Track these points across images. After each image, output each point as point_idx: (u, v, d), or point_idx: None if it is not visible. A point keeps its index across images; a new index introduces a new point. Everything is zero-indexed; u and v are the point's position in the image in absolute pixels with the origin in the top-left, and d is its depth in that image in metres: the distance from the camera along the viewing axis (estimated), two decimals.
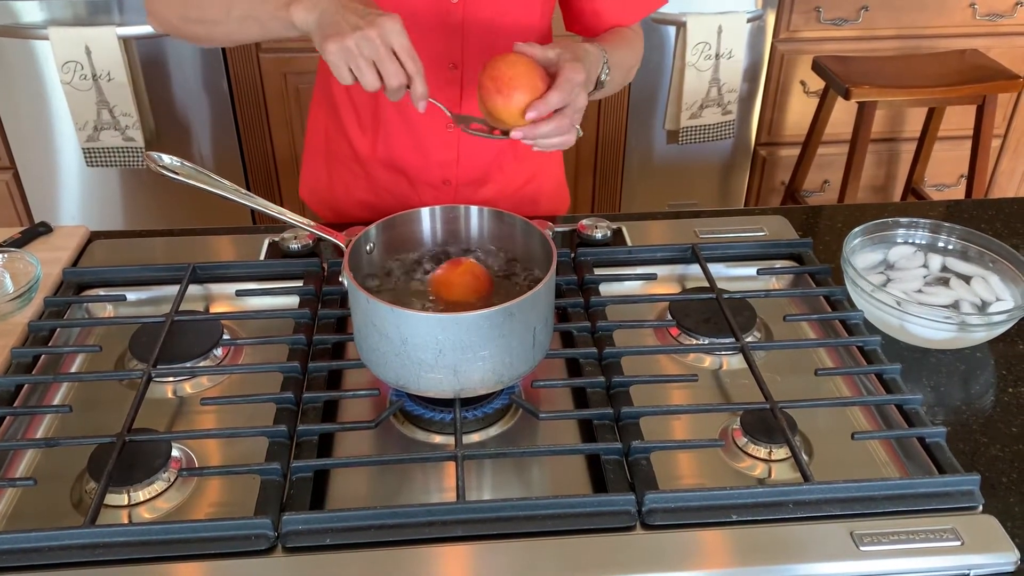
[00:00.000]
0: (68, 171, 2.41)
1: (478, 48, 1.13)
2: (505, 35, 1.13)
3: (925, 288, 1.05)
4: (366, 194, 1.26)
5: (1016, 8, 2.46)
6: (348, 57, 0.84)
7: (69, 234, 1.19)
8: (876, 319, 1.02)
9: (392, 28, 0.84)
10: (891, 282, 1.06)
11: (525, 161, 1.29)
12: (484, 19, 1.10)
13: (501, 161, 1.26)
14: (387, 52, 0.84)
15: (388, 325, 0.82)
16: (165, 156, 0.92)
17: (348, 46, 0.83)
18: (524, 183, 1.31)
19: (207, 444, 0.89)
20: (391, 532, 0.76)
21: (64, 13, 2.18)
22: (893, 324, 1.01)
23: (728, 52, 2.35)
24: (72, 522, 0.79)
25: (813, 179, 2.60)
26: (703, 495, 0.78)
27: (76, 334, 1.05)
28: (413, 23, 1.06)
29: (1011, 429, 0.90)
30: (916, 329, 0.99)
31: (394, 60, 0.85)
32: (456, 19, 1.09)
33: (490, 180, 1.27)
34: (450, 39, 1.11)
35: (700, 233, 1.20)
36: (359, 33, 0.83)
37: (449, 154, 1.22)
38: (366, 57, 0.84)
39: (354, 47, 0.83)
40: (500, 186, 1.28)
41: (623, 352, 0.96)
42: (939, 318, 0.97)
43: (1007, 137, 2.68)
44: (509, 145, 1.25)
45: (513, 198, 1.30)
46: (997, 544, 0.75)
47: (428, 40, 1.10)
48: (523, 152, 1.27)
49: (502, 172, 1.27)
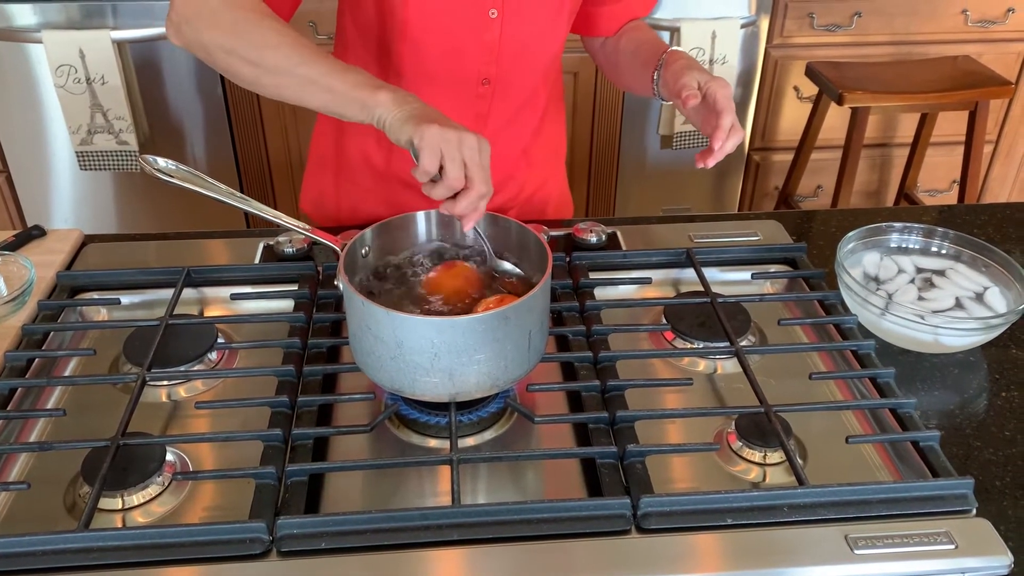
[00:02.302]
0: (61, 174, 2.40)
1: (510, 62, 1.13)
2: (536, 47, 1.15)
3: (924, 295, 1.05)
4: (377, 207, 1.24)
5: (1008, 15, 2.47)
6: (446, 146, 0.84)
7: (63, 237, 1.18)
8: (870, 323, 1.03)
9: (486, 147, 0.86)
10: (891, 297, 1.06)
11: (535, 168, 1.30)
12: (519, 33, 1.11)
13: (514, 171, 1.27)
14: (480, 163, 0.85)
15: (383, 329, 0.82)
16: (160, 159, 0.92)
17: (449, 138, 0.83)
18: (534, 191, 1.32)
19: (201, 448, 0.88)
20: (386, 536, 0.76)
21: (58, 16, 2.17)
22: (887, 328, 1.01)
23: (722, 57, 2.36)
24: (66, 526, 0.79)
25: (806, 184, 2.61)
26: (698, 499, 0.79)
27: (70, 337, 1.04)
28: (451, 39, 1.09)
29: (1004, 433, 0.91)
30: (910, 333, 0.99)
31: (484, 170, 0.86)
32: (493, 34, 1.10)
33: (503, 189, 1.27)
34: (485, 54, 1.11)
35: (695, 237, 1.20)
36: (461, 133, 0.84)
37: None
38: (462, 156, 0.84)
39: (455, 142, 0.84)
40: (512, 194, 1.29)
41: (618, 356, 0.96)
42: (933, 322, 0.97)
43: (999, 143, 2.69)
44: (523, 153, 1.27)
45: (524, 206, 1.31)
46: (991, 547, 0.75)
47: (464, 56, 1.11)
48: (536, 159, 1.29)
49: (514, 180, 1.28)
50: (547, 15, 1.13)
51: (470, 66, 1.12)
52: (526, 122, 1.23)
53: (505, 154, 1.22)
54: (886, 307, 0.99)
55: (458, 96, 1.14)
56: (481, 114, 1.17)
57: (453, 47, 1.10)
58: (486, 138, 0.87)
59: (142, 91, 2.28)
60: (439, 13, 1.07)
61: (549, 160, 1.32)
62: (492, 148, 0.85)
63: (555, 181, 1.36)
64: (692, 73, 1.01)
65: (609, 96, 2.42)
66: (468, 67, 1.12)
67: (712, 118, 0.98)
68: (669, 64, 1.06)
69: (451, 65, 1.11)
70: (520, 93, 1.18)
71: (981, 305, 1.04)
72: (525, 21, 1.11)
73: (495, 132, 1.18)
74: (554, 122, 1.30)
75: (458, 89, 1.14)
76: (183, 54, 2.25)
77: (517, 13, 1.09)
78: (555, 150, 1.34)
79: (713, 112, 0.98)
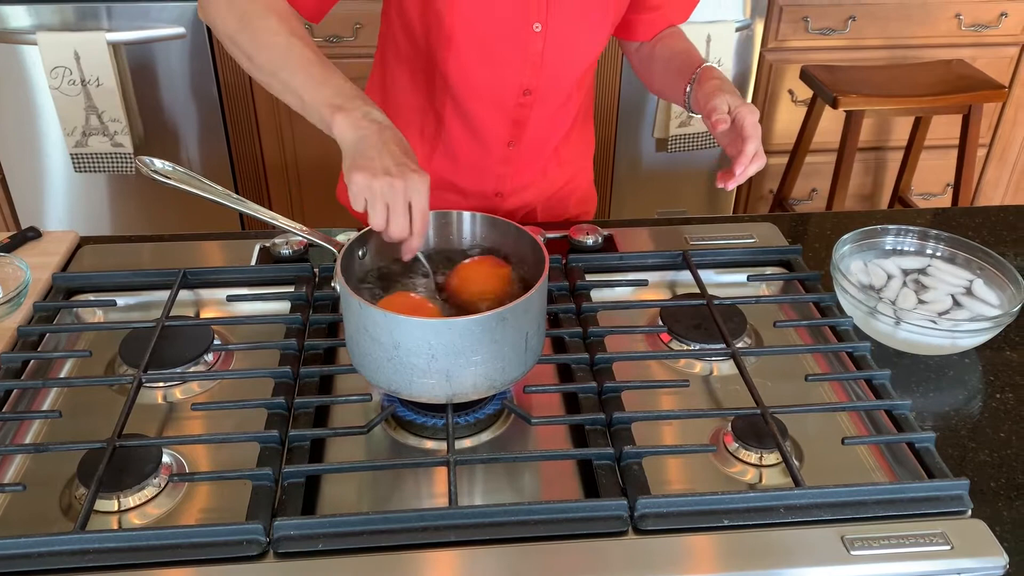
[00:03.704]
0: (56, 176, 2.39)
1: (553, 73, 1.15)
2: (577, 58, 1.17)
3: (922, 297, 1.06)
4: None
5: (1001, 19, 2.48)
6: (369, 194, 0.85)
7: (59, 239, 1.18)
8: (866, 325, 1.03)
9: (418, 187, 0.86)
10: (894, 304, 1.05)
11: (565, 165, 1.32)
12: (562, 46, 1.13)
13: (546, 167, 1.29)
14: (404, 207, 0.85)
15: (380, 330, 0.82)
16: (156, 160, 0.92)
17: (373, 186, 0.84)
18: (563, 185, 1.34)
19: (198, 449, 0.88)
20: (383, 537, 0.76)
21: (53, 18, 2.17)
22: (883, 330, 1.02)
23: (717, 61, 2.36)
24: (62, 528, 0.79)
25: (801, 187, 2.62)
26: (695, 500, 0.79)
27: (66, 339, 1.04)
28: (495, 52, 1.11)
29: (999, 434, 0.91)
30: (906, 335, 1.00)
31: (406, 215, 0.86)
32: (537, 48, 1.11)
33: (533, 185, 1.29)
34: (529, 67, 1.13)
35: (690, 240, 1.20)
36: (387, 179, 0.84)
37: (507, 168, 1.25)
38: (384, 201, 0.85)
39: (378, 189, 0.84)
40: (542, 189, 1.31)
41: (614, 357, 0.96)
42: (929, 324, 0.98)
43: (992, 146, 2.71)
44: (554, 152, 1.28)
45: (551, 199, 1.34)
46: (986, 548, 0.75)
47: (506, 69, 1.13)
48: (566, 157, 1.31)
49: (545, 177, 1.30)
50: (590, 27, 1.14)
51: (513, 78, 1.14)
52: (560, 124, 1.25)
53: (538, 154, 1.26)
54: (897, 317, 0.99)
55: (499, 105, 1.17)
56: (519, 121, 1.19)
57: (497, 59, 1.12)
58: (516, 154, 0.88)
59: (137, 93, 2.27)
60: (483, 25, 1.09)
61: (578, 157, 1.35)
62: (527, 149, 0.86)
63: (583, 176, 1.38)
64: (723, 96, 1.02)
65: (605, 99, 2.42)
66: (511, 79, 1.14)
67: (738, 142, 1.00)
68: (702, 81, 1.08)
69: (494, 76, 1.14)
70: (557, 99, 1.20)
71: (975, 299, 1.05)
72: (569, 34, 1.12)
73: (531, 136, 1.21)
74: (584, 120, 1.33)
75: (500, 98, 1.16)
76: (178, 56, 2.25)
77: (561, 27, 1.11)
78: (585, 146, 1.36)
79: (740, 137, 1.00)
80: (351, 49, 2.26)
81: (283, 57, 0.94)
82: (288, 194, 2.52)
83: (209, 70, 2.28)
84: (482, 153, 1.23)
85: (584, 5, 1.11)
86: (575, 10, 1.11)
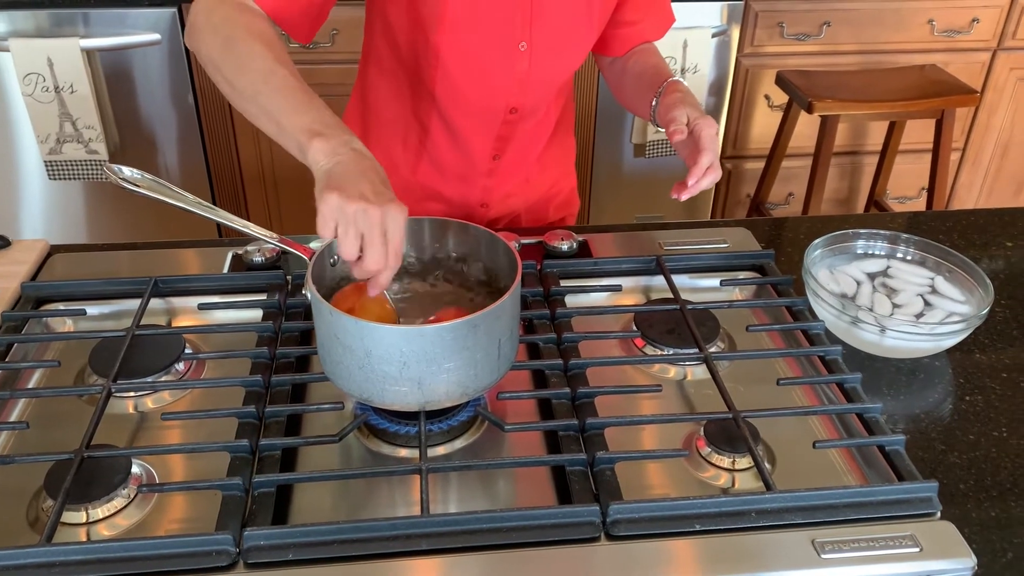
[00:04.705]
0: (30, 184, 2.37)
1: (537, 90, 1.16)
2: (562, 73, 1.19)
3: (895, 301, 1.06)
4: None
5: (973, 24, 2.51)
6: (342, 218, 0.79)
7: (28, 248, 1.17)
8: (837, 329, 1.04)
9: (396, 217, 0.80)
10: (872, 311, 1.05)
11: (548, 170, 1.33)
12: (547, 64, 1.14)
13: (529, 175, 1.30)
14: (380, 237, 0.79)
15: (351, 338, 0.81)
16: (126, 168, 0.91)
17: (347, 210, 0.78)
18: (546, 190, 1.35)
19: (168, 460, 0.88)
20: (354, 547, 0.75)
21: (26, 24, 2.15)
22: (840, 327, 1.02)
23: (694, 66, 2.38)
24: (28, 540, 0.78)
25: (778, 191, 2.64)
26: (667, 505, 0.79)
27: (34, 349, 1.03)
28: (481, 70, 1.12)
29: (968, 436, 0.92)
30: (893, 342, 1.00)
31: (383, 246, 0.80)
32: (523, 66, 1.12)
33: (517, 193, 1.31)
34: (514, 84, 1.14)
35: (665, 245, 1.21)
36: (363, 204, 0.78)
37: (492, 179, 1.26)
38: (358, 229, 0.79)
39: (351, 214, 0.78)
40: (524, 197, 1.32)
41: (588, 363, 0.96)
42: (915, 329, 0.98)
43: (966, 150, 2.74)
44: (537, 160, 1.29)
45: (534, 206, 1.35)
46: (955, 550, 0.76)
47: (494, 88, 1.14)
48: (548, 163, 1.32)
49: (528, 184, 1.31)
50: (574, 44, 1.15)
51: (500, 96, 1.15)
52: (542, 134, 1.27)
53: (522, 164, 1.27)
54: (882, 326, 0.99)
55: (486, 122, 1.18)
56: (504, 136, 1.20)
57: (483, 78, 1.13)
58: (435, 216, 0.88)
59: (112, 100, 2.26)
60: (470, 46, 1.09)
61: (560, 162, 1.36)
62: (512, 161, 0.84)
63: (565, 181, 1.39)
64: (683, 108, 1.04)
65: (583, 105, 2.43)
66: (498, 97, 1.15)
67: (695, 154, 1.01)
68: (666, 94, 1.10)
69: (481, 95, 1.14)
70: (539, 116, 1.22)
71: (943, 297, 1.07)
72: (553, 52, 1.13)
73: (516, 148, 1.22)
74: (565, 126, 1.34)
75: (487, 116, 1.17)
76: (154, 63, 2.23)
77: (545, 45, 1.12)
78: (566, 151, 1.38)
79: (696, 148, 1.01)
80: (328, 55, 2.25)
81: (264, 81, 0.90)
82: (265, 201, 2.50)
83: (185, 76, 2.27)
84: (467, 165, 1.23)
85: (568, 23, 1.12)
86: (559, 28, 1.11)
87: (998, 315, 1.11)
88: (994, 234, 1.30)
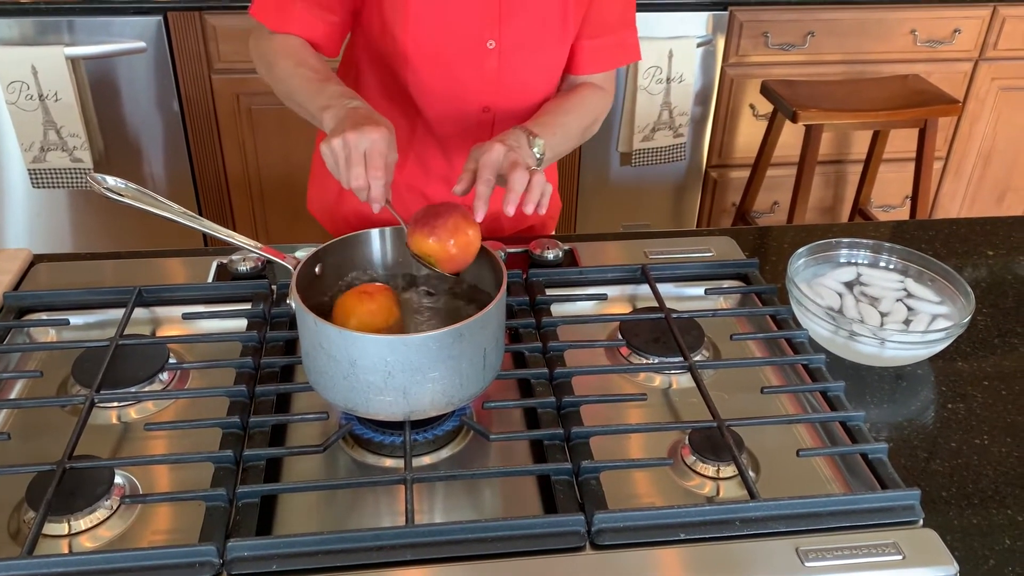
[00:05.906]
0: (14, 192, 2.36)
1: (510, 89, 1.17)
2: (536, 78, 1.19)
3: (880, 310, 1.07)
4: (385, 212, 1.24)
5: (955, 35, 2.54)
6: (330, 155, 0.93)
7: (10, 257, 1.16)
8: (820, 337, 1.04)
9: (369, 137, 0.91)
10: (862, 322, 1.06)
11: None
12: (519, 64, 1.15)
13: None
14: (358, 157, 0.91)
15: (336, 347, 0.81)
16: (109, 178, 0.91)
17: (333, 146, 0.92)
18: None
19: (152, 470, 0.87)
20: (339, 557, 0.75)
21: (10, 32, 2.14)
22: (837, 342, 1.03)
23: (679, 76, 2.39)
24: (9, 553, 0.77)
25: (763, 200, 2.65)
26: (652, 514, 0.79)
27: (16, 359, 1.02)
28: (450, 68, 1.13)
29: (950, 444, 0.93)
30: (859, 347, 1.01)
31: (361, 164, 0.92)
32: (492, 64, 1.13)
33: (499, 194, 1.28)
34: (485, 83, 1.15)
35: (650, 254, 1.21)
36: (341, 137, 0.92)
37: None
38: (343, 158, 0.92)
39: (337, 147, 0.92)
40: None
41: (574, 372, 0.97)
42: (881, 336, 0.99)
43: (948, 159, 2.76)
44: None
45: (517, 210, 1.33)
46: (937, 557, 0.77)
47: (464, 86, 1.15)
48: None
49: None
50: (544, 45, 1.15)
51: (471, 95, 1.16)
52: None
53: None
54: (882, 339, 0.99)
55: (461, 121, 1.19)
56: (481, 137, 1.19)
57: (453, 76, 1.14)
58: None
59: (97, 108, 2.25)
60: (438, 44, 1.11)
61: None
62: None
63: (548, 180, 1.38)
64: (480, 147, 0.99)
65: None
66: (469, 95, 1.16)
67: None
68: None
69: (452, 93, 1.16)
70: (519, 117, 1.21)
71: (919, 300, 1.08)
72: (523, 51, 1.14)
73: None
74: None
75: (461, 114, 1.18)
76: (139, 71, 2.23)
77: (514, 44, 1.13)
78: None
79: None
80: None
81: (291, 83, 1.09)
82: (251, 209, 2.50)
83: (171, 84, 2.26)
84: (449, 167, 1.24)
85: (539, 22, 1.12)
86: (529, 27, 1.12)
87: (979, 323, 1.12)
88: (976, 243, 1.31)
